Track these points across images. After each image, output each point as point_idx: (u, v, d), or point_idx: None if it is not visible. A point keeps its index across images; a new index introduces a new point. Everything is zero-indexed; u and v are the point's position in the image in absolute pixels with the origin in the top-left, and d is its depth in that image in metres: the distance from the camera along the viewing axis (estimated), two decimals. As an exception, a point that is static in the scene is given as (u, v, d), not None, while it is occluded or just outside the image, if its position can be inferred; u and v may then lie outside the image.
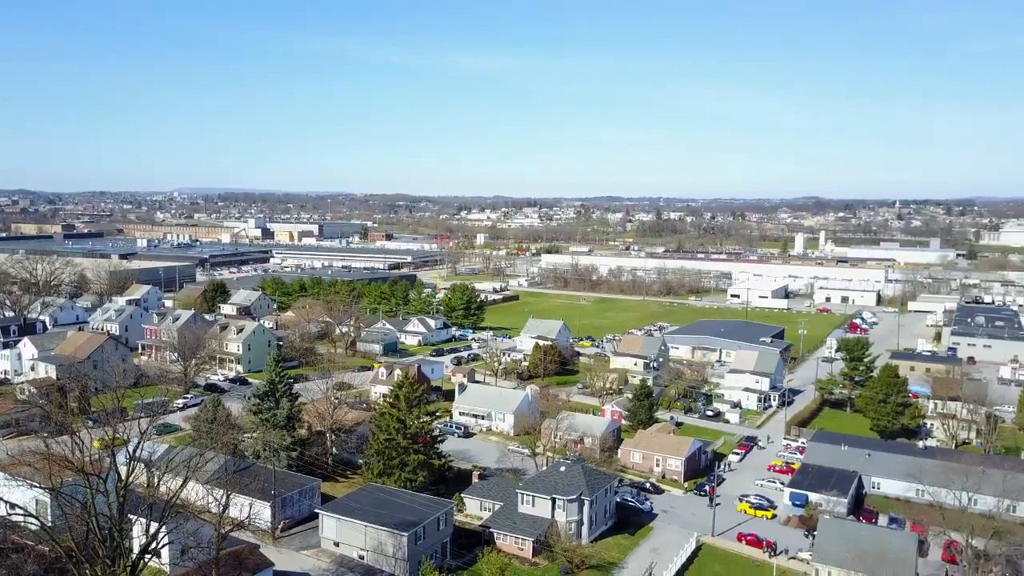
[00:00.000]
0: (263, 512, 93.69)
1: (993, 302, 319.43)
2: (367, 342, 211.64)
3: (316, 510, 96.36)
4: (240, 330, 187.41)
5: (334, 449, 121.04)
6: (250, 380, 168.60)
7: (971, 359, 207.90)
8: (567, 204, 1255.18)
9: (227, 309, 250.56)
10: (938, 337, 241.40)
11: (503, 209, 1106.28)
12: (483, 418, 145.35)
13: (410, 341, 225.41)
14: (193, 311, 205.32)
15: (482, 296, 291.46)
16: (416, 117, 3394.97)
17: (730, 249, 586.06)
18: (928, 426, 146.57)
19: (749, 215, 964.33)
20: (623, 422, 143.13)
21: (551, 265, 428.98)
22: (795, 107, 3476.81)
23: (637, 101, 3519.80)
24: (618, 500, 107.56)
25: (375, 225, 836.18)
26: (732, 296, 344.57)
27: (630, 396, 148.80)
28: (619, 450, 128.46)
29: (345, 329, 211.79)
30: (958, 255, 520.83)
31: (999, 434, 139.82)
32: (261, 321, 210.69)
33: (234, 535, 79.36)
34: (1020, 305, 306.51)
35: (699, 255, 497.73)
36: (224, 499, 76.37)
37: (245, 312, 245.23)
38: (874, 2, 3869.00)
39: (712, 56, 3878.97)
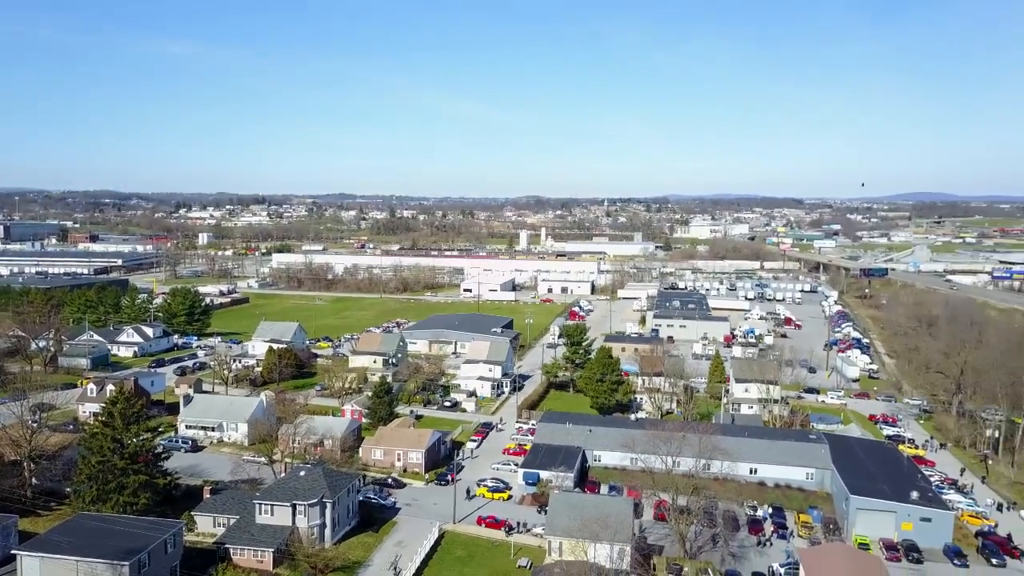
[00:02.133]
0: (-58, 562, 79.84)
1: (686, 288, 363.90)
2: (71, 356, 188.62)
3: (13, 551, 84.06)
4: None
5: (34, 479, 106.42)
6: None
7: (670, 338, 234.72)
8: (298, 201, 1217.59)
9: None
10: (643, 320, 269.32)
11: (228, 207, 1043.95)
12: (214, 429, 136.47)
13: (124, 353, 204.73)
14: None
15: (207, 300, 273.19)
16: (117, 106, 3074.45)
17: (461, 246, 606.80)
18: (638, 400, 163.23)
19: (478, 213, 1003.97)
20: (364, 420, 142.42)
21: (283, 265, 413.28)
22: (513, 113, 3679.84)
23: (365, 102, 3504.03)
24: (361, 499, 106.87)
25: (76, 225, 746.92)
26: (464, 290, 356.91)
27: (370, 394, 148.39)
28: (361, 448, 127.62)
29: (43, 343, 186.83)
30: (656, 247, 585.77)
31: (695, 402, 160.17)
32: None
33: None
34: (707, 289, 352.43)
35: (433, 252, 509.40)
36: None
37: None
38: (569, 14, 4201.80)
39: (437, 61, 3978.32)
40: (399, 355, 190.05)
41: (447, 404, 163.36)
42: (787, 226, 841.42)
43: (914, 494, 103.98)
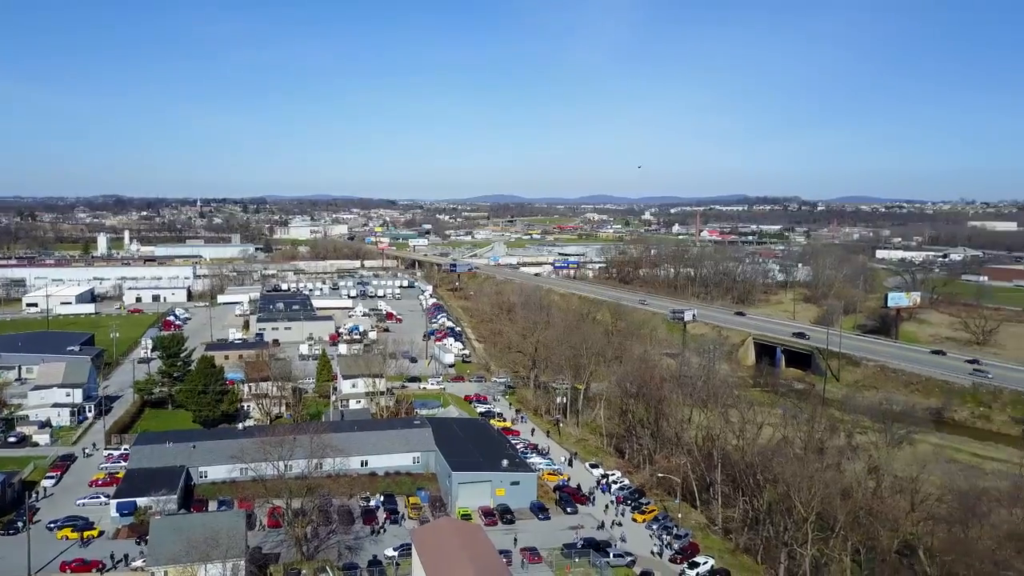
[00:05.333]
0: None
1: (289, 289, 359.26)
2: None
3: None
4: None
5: None
6: None
7: (276, 341, 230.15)
8: None
9: None
10: (247, 325, 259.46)
11: None
12: None
13: None
14: None
15: None
16: None
17: (21, 253, 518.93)
18: (246, 408, 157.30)
19: (41, 215, 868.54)
20: None
21: None
22: (79, 100, 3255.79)
23: None
24: None
25: None
26: (29, 305, 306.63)
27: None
28: None
29: None
30: (257, 249, 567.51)
31: (304, 403, 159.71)
32: None
33: None
34: (310, 290, 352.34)
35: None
36: None
37: None
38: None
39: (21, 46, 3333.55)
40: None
41: (12, 440, 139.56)
42: (384, 226, 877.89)
43: (504, 462, 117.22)
